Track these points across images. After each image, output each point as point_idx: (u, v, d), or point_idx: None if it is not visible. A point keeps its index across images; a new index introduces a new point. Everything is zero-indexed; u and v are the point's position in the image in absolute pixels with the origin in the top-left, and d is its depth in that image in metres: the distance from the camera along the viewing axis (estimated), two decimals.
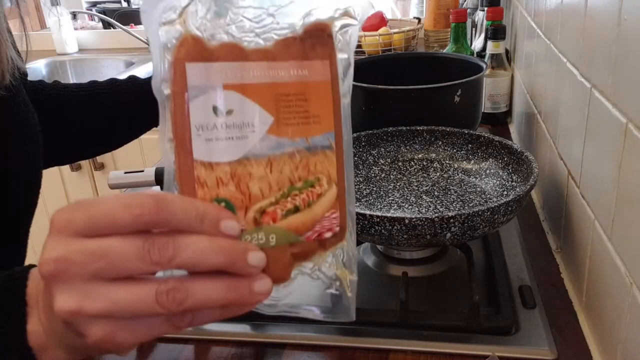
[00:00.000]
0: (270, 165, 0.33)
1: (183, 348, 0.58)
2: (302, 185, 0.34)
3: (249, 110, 0.33)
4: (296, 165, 0.34)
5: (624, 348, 0.47)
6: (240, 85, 0.33)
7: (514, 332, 0.56)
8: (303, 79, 0.34)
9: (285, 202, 0.34)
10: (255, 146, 0.33)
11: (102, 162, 1.70)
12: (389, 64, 1.03)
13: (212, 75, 0.32)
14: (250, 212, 0.33)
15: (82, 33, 2.17)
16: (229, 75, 0.33)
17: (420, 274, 0.66)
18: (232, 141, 0.33)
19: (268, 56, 0.33)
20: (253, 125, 0.33)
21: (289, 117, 0.34)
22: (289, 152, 0.34)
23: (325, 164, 0.34)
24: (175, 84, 0.32)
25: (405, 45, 1.69)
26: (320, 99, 0.34)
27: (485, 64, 0.91)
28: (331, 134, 0.35)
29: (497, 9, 1.16)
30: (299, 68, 0.34)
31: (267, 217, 0.33)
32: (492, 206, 0.56)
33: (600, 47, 0.53)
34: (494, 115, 1.13)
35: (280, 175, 0.34)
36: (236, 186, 0.33)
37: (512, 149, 0.72)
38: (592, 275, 0.56)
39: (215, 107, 0.32)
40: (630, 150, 0.45)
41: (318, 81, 0.34)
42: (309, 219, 0.34)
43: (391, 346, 0.56)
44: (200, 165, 0.32)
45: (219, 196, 0.32)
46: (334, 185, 0.35)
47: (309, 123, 0.34)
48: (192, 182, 0.32)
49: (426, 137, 0.81)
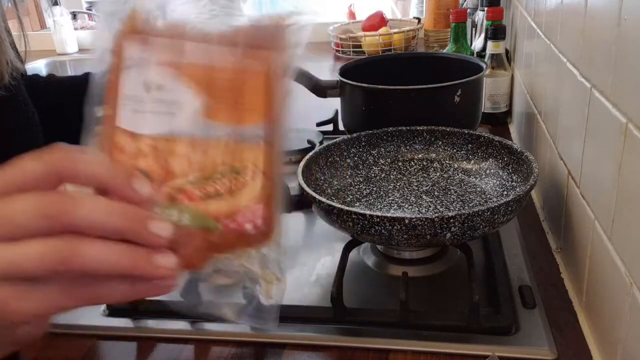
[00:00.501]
0: (194, 146, 0.32)
1: (183, 348, 0.58)
2: (226, 171, 0.33)
3: (180, 89, 0.33)
4: (222, 151, 0.33)
5: (624, 348, 0.47)
6: (175, 64, 0.33)
7: (514, 332, 0.56)
8: (242, 67, 0.33)
9: (205, 185, 0.32)
10: (182, 125, 0.32)
11: None
12: (389, 64, 1.03)
13: (148, 51, 0.32)
14: (167, 187, 0.32)
15: (82, 33, 2.17)
16: (166, 52, 0.33)
17: (420, 274, 0.66)
18: (159, 116, 0.32)
19: (209, 39, 0.33)
20: (182, 104, 0.32)
21: (222, 102, 0.33)
22: (217, 135, 0.33)
23: (254, 154, 0.33)
24: (114, 56, 0.32)
25: (405, 45, 1.69)
26: (257, 89, 0.33)
27: (485, 64, 0.91)
28: (264, 126, 0.33)
29: (497, 9, 1.16)
30: (240, 56, 0.33)
31: (183, 196, 0.32)
32: (492, 206, 0.56)
33: (600, 47, 0.53)
34: (494, 115, 1.13)
35: (205, 158, 0.32)
36: (155, 159, 0.32)
37: (512, 149, 0.72)
38: (592, 275, 0.56)
39: (146, 81, 0.32)
40: (630, 150, 0.45)
41: (258, 71, 0.33)
42: (229, 207, 0.32)
43: (391, 346, 0.56)
44: (122, 133, 0.32)
45: (137, 166, 0.32)
46: (262, 177, 0.33)
47: (242, 110, 0.33)
48: (110, 147, 0.32)
49: (426, 137, 0.81)
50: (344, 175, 0.78)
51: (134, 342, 0.59)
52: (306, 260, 0.70)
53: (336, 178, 0.77)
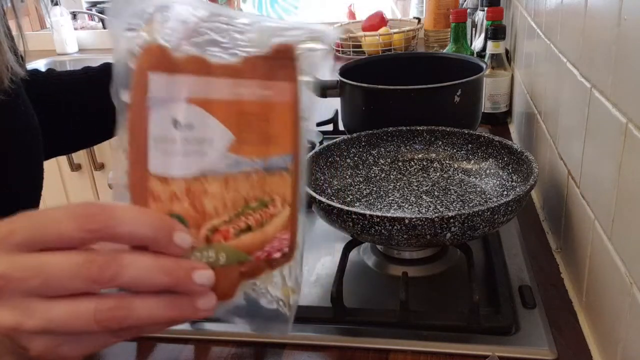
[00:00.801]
0: (226, 183, 0.33)
1: (183, 348, 0.58)
2: (257, 205, 0.33)
3: (210, 126, 0.32)
4: (252, 185, 0.33)
5: (624, 348, 0.47)
6: (203, 100, 0.32)
7: (514, 332, 0.56)
8: (266, 99, 0.33)
9: (238, 221, 0.33)
10: (213, 163, 0.32)
11: (102, 162, 1.70)
12: (389, 64, 1.03)
13: (176, 87, 0.32)
14: (203, 230, 0.32)
15: (82, 33, 2.17)
16: (193, 88, 0.32)
17: (420, 274, 0.66)
18: (190, 156, 0.32)
19: (233, 73, 0.33)
20: (213, 141, 0.32)
21: (249, 136, 0.33)
22: (246, 171, 0.33)
23: (280, 185, 0.34)
24: (136, 92, 0.31)
25: (405, 45, 1.69)
26: (281, 120, 0.34)
27: (485, 64, 0.91)
28: (289, 156, 0.34)
29: (497, 9, 1.16)
30: (262, 87, 0.33)
31: (218, 236, 0.33)
32: (492, 206, 0.56)
33: (600, 47, 0.53)
34: (494, 115, 1.13)
35: (236, 194, 0.33)
36: (190, 203, 0.32)
37: (512, 149, 0.72)
38: (592, 275, 0.56)
39: (175, 120, 0.32)
40: (630, 150, 0.45)
41: (280, 102, 0.34)
42: (260, 239, 0.34)
43: (391, 346, 0.56)
44: (155, 179, 0.32)
45: (173, 211, 0.32)
46: (288, 206, 0.34)
47: (268, 143, 0.34)
48: (145, 195, 0.31)
49: (426, 137, 0.81)
50: (344, 175, 0.78)
51: (134, 342, 0.59)
52: (306, 260, 0.70)
53: (336, 178, 0.77)
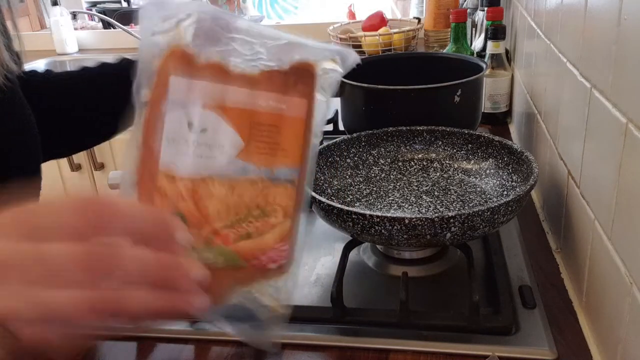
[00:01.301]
0: (231, 188, 0.34)
1: (183, 348, 0.58)
2: (258, 214, 0.34)
3: (223, 131, 0.33)
4: (256, 192, 0.34)
5: (624, 348, 0.47)
6: (219, 107, 0.33)
7: (514, 332, 0.56)
8: (280, 112, 0.34)
9: (239, 227, 0.34)
10: (221, 167, 0.33)
11: (102, 162, 1.70)
12: (389, 64, 1.03)
13: (194, 92, 0.33)
14: (204, 231, 0.33)
15: (82, 33, 2.17)
16: (210, 94, 0.33)
17: (420, 274, 0.66)
18: (201, 159, 0.33)
19: (251, 84, 0.34)
20: (223, 147, 0.33)
21: (259, 145, 0.34)
22: (252, 178, 0.34)
23: (284, 197, 0.35)
24: (155, 92, 0.32)
25: (405, 45, 1.69)
26: (292, 134, 0.35)
27: (485, 64, 0.91)
28: (296, 170, 0.35)
29: (497, 9, 1.16)
30: (277, 101, 0.34)
31: (218, 239, 0.33)
32: (492, 206, 0.56)
33: (600, 47, 0.53)
34: (494, 115, 1.13)
35: (240, 200, 0.34)
36: (195, 203, 0.33)
37: (512, 149, 0.72)
38: (592, 275, 0.56)
39: (190, 123, 0.33)
40: (630, 150, 0.45)
41: (293, 117, 0.35)
42: (258, 247, 0.34)
43: (391, 346, 0.56)
44: (163, 176, 0.33)
45: (177, 209, 0.33)
46: (289, 219, 0.35)
47: (276, 155, 0.34)
48: (151, 191, 0.32)
49: (426, 137, 0.81)
50: (344, 175, 0.78)
51: (134, 342, 0.59)
52: (306, 260, 0.70)
53: (336, 178, 0.77)
